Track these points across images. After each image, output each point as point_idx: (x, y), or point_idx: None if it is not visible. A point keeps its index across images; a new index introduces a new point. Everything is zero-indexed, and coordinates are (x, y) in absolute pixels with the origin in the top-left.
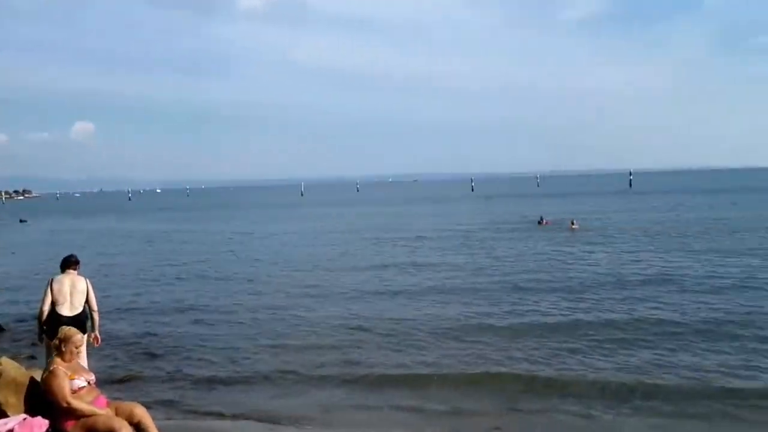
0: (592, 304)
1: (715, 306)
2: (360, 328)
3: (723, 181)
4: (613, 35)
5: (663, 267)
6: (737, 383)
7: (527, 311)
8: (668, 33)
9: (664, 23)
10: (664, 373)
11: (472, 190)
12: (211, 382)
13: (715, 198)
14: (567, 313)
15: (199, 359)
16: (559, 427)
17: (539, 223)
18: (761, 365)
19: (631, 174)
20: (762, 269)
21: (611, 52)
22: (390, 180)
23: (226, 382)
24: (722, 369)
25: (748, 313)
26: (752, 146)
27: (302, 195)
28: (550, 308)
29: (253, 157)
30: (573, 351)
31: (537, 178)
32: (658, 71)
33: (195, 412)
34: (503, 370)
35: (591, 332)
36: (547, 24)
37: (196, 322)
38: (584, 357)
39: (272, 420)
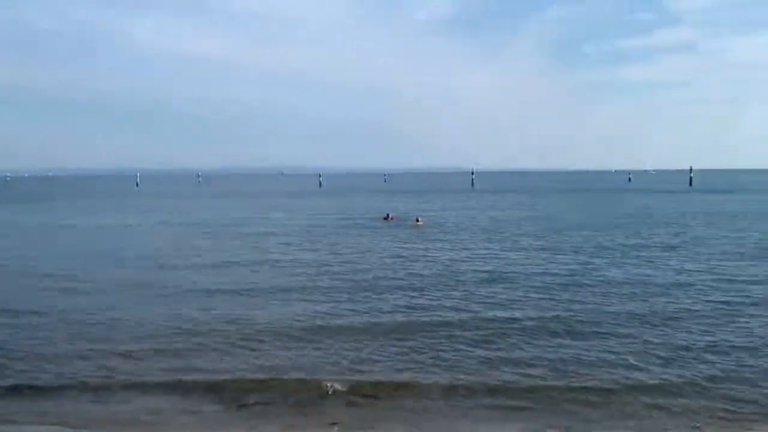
0: (432, 302)
1: (542, 304)
2: (192, 331)
3: (557, 182)
4: (462, 38)
5: (499, 264)
6: (555, 380)
7: (370, 310)
8: (513, 38)
9: (509, 29)
10: (491, 371)
11: (320, 185)
12: (18, 390)
13: (549, 198)
14: (407, 312)
15: (3, 366)
16: (396, 422)
17: (385, 219)
18: (579, 360)
19: (473, 173)
20: (587, 266)
21: (460, 53)
22: (265, 172)
23: (38, 389)
24: (544, 364)
25: (571, 310)
26: (586, 150)
27: (138, 186)
28: (392, 307)
29: (81, 145)
30: (414, 350)
31: (385, 175)
32: (503, 74)
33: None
34: (342, 372)
35: (430, 331)
36: (402, 23)
37: (2, 325)
38: (419, 355)
39: (90, 426)
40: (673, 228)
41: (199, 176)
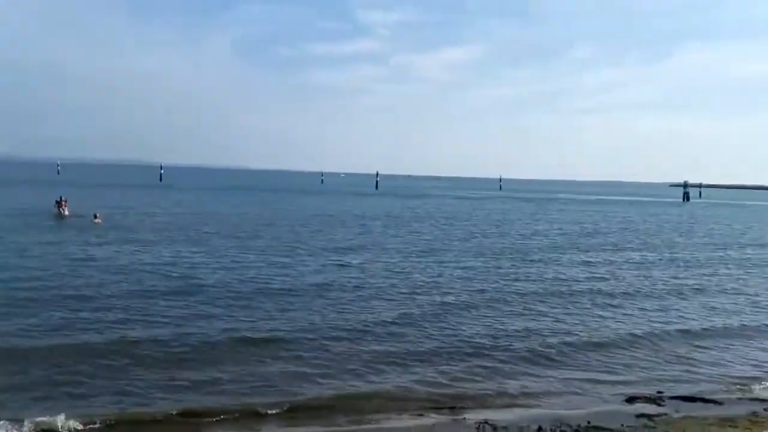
0: (102, 316)
1: (232, 314)
2: None
3: (249, 180)
4: (157, 20)
5: (184, 268)
6: (235, 398)
7: (22, 330)
8: (204, 31)
9: (203, 20)
10: (206, 394)
11: None
12: None
13: (241, 197)
14: (68, 330)
15: None
16: None
17: (57, 203)
18: (269, 375)
19: (161, 168)
20: (275, 267)
21: (150, 37)
22: None
23: None
24: (225, 385)
25: (254, 316)
26: (283, 150)
27: None
28: (50, 324)
29: None
30: (65, 380)
31: (58, 164)
32: (192, 64)
33: None
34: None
35: (88, 355)
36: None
37: None
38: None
39: None
40: (358, 229)
41: None
